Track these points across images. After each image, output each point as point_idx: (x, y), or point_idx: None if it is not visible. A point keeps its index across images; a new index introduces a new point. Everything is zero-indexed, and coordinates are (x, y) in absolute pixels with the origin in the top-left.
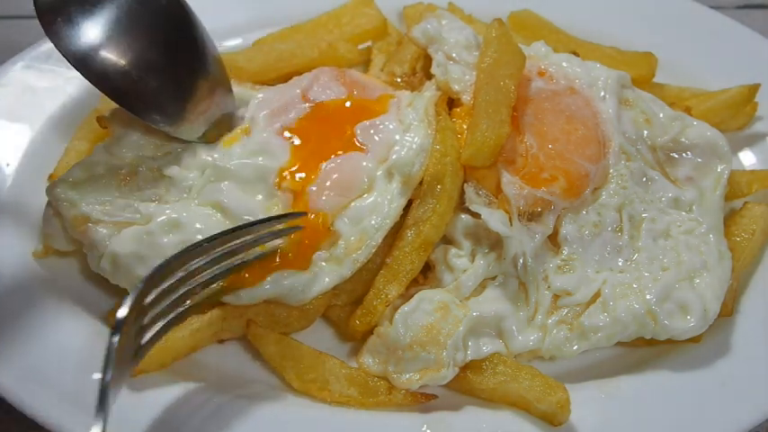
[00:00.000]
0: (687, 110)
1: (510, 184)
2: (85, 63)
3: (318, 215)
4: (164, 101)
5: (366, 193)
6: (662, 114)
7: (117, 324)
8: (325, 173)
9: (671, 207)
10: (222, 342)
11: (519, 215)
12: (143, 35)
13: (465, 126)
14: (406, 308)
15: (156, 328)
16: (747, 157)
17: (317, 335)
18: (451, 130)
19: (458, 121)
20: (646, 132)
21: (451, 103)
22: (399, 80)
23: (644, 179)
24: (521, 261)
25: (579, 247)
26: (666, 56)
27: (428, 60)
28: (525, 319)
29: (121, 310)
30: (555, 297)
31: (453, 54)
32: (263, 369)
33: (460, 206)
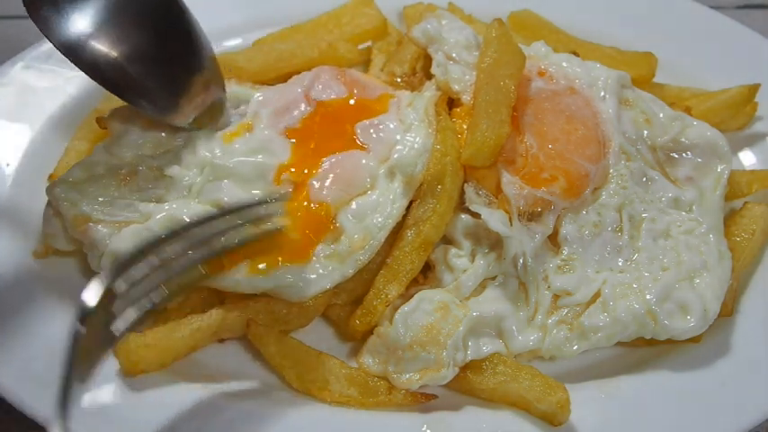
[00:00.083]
0: (687, 110)
1: (510, 184)
2: (71, 45)
3: (321, 206)
4: (154, 86)
5: (369, 191)
6: (662, 114)
7: (81, 315)
8: (327, 168)
9: (671, 207)
10: (222, 342)
11: (519, 215)
12: (131, 20)
13: (465, 126)
14: (406, 308)
15: (132, 316)
16: (747, 157)
17: (317, 334)
18: (452, 130)
19: (458, 121)
20: (646, 132)
21: (451, 103)
22: (399, 80)
23: (644, 179)
24: (521, 261)
25: (579, 247)
26: (666, 56)
27: (428, 60)
28: (525, 319)
29: (88, 299)
30: (555, 297)
31: (453, 54)
32: (263, 369)
33: (460, 206)
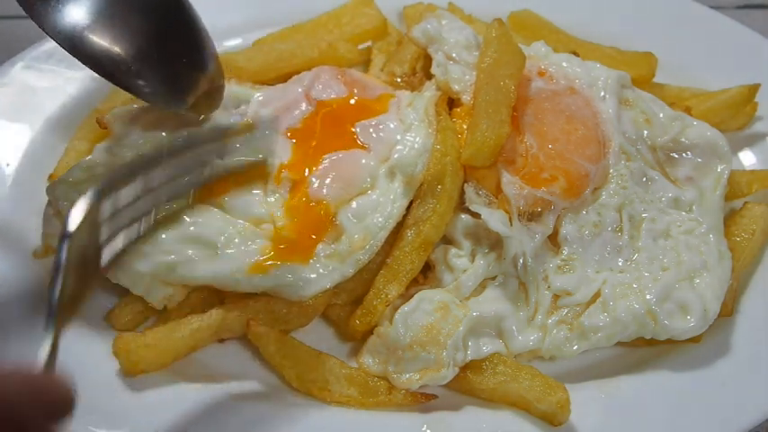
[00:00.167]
0: (687, 110)
1: (510, 184)
2: (64, 34)
3: (320, 204)
4: (150, 69)
5: (369, 191)
6: (662, 114)
7: (63, 237)
8: (327, 166)
9: (671, 207)
10: (222, 342)
11: (519, 215)
12: (130, 10)
13: (465, 126)
14: (406, 308)
15: (118, 245)
16: (747, 157)
17: (316, 334)
18: (452, 130)
19: (458, 121)
20: (646, 132)
21: (451, 103)
22: (399, 80)
23: (644, 179)
24: (521, 261)
25: (579, 247)
26: (666, 56)
27: (428, 60)
28: (525, 319)
29: (71, 221)
30: (555, 297)
31: (453, 54)
32: (263, 369)
33: (460, 206)
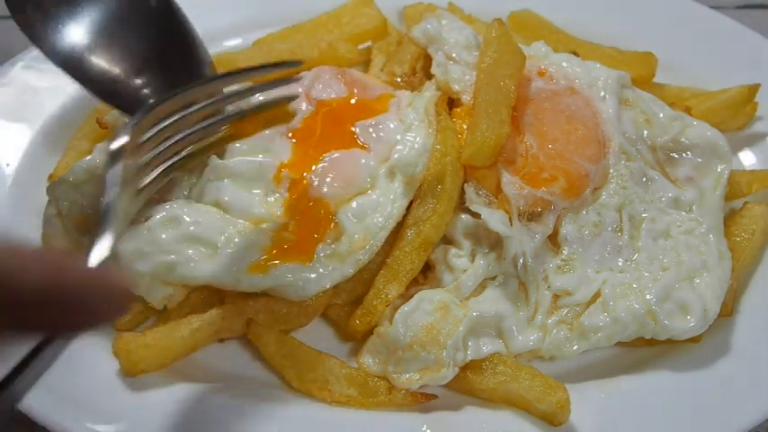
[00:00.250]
0: (687, 110)
1: (510, 184)
2: (64, 57)
3: (320, 203)
4: (151, 95)
5: (369, 191)
6: (662, 114)
7: (112, 155)
8: (327, 165)
9: (671, 207)
10: (222, 342)
11: (519, 215)
12: (129, 31)
13: (465, 126)
14: (406, 308)
15: (156, 173)
16: (747, 157)
17: (316, 334)
18: (452, 130)
19: (458, 121)
20: (646, 132)
21: (451, 103)
22: (399, 80)
23: (644, 179)
24: (521, 261)
25: (579, 247)
26: (666, 56)
27: (428, 60)
28: (525, 319)
29: (117, 141)
30: (555, 297)
31: (453, 54)
32: (263, 369)
33: (460, 206)
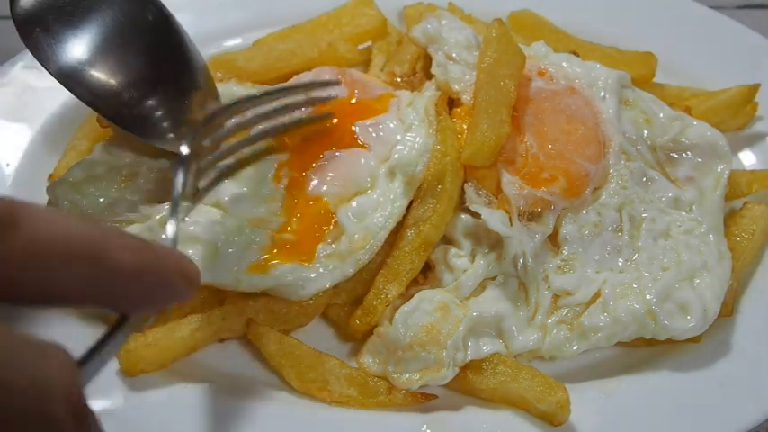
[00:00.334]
0: (687, 110)
1: (510, 184)
2: (67, 75)
3: (319, 203)
4: (150, 115)
5: (369, 191)
6: (662, 114)
7: (181, 160)
8: (327, 165)
9: (671, 207)
10: (222, 342)
11: (519, 215)
12: (128, 47)
13: (465, 126)
14: (406, 308)
15: (212, 176)
16: (747, 157)
17: (316, 334)
18: (452, 130)
19: (458, 121)
20: (646, 132)
21: (451, 103)
22: (399, 80)
23: (644, 179)
24: (521, 261)
25: (579, 247)
26: (666, 56)
27: (428, 60)
28: (525, 319)
29: (184, 148)
30: (555, 297)
31: (453, 54)
32: (263, 369)
33: (460, 206)
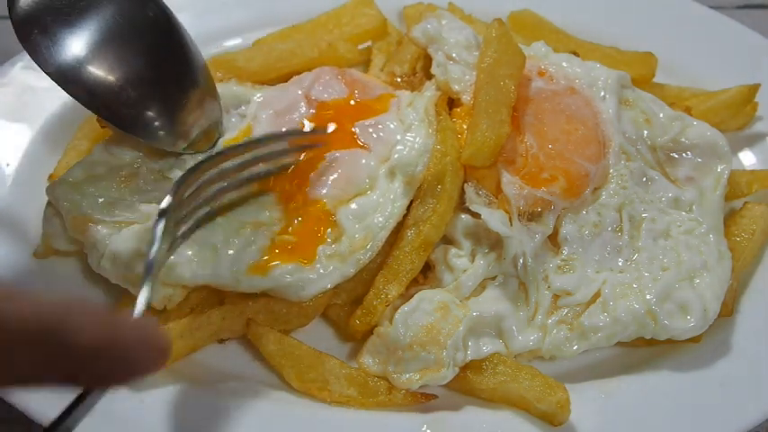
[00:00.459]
0: (687, 110)
1: (510, 184)
2: (65, 77)
3: (319, 204)
4: (149, 115)
5: (369, 191)
6: (662, 114)
7: (160, 212)
8: (326, 166)
9: (671, 207)
10: (222, 342)
11: (519, 215)
12: (127, 47)
13: (465, 126)
14: (406, 308)
15: (190, 222)
16: (747, 157)
17: (316, 334)
18: (452, 130)
19: (458, 121)
20: (646, 132)
21: (451, 103)
22: (399, 80)
23: (644, 179)
24: (521, 261)
25: (579, 247)
26: (666, 56)
27: (428, 60)
28: (525, 319)
29: (165, 201)
30: (555, 297)
31: (453, 54)
32: (263, 369)
33: (460, 206)
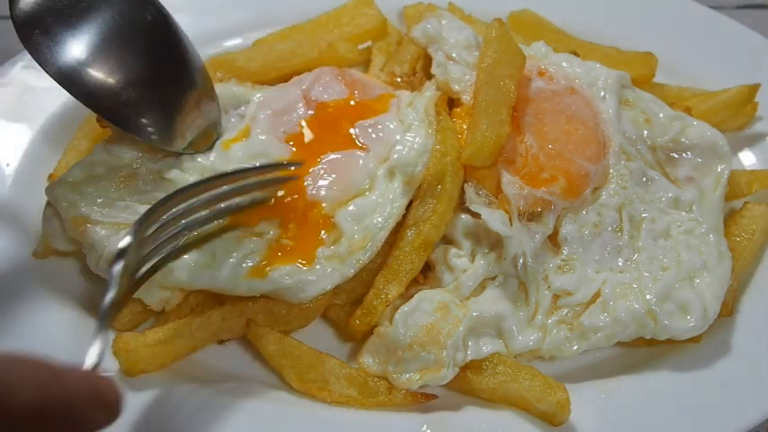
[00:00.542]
0: (687, 110)
1: (510, 184)
2: (66, 76)
3: (318, 206)
4: (149, 115)
5: (367, 192)
6: (662, 114)
7: (118, 253)
8: (325, 167)
9: (671, 207)
10: (222, 342)
11: (519, 215)
12: (126, 48)
13: (465, 126)
14: (406, 308)
15: (153, 261)
16: (747, 157)
17: (317, 335)
18: (452, 130)
19: (458, 121)
20: (646, 132)
21: (451, 103)
22: (399, 80)
23: (644, 179)
24: (521, 261)
25: (579, 247)
26: (666, 56)
27: (428, 60)
28: (525, 319)
29: (124, 240)
30: (555, 297)
31: (453, 54)
32: (263, 369)
33: (460, 206)
